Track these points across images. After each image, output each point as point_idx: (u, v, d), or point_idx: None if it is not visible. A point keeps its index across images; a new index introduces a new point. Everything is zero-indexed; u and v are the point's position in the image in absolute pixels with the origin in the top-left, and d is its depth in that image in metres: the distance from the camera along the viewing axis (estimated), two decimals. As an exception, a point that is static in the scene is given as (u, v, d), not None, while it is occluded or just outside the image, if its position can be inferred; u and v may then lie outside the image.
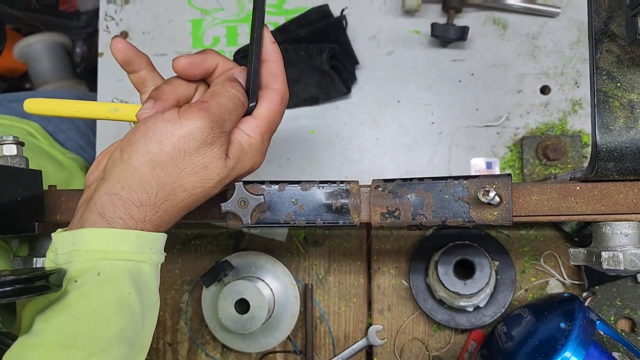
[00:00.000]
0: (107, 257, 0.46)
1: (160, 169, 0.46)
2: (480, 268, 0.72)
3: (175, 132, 0.46)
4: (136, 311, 0.47)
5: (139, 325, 0.47)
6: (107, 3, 0.90)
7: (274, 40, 0.52)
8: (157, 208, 0.47)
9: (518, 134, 0.81)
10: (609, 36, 0.49)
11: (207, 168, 0.47)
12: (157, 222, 0.48)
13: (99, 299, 0.45)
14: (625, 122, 0.50)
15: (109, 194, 0.46)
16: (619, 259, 0.51)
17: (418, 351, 0.79)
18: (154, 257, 0.49)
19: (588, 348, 0.60)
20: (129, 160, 0.46)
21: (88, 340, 0.44)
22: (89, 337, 0.44)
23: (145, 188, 0.46)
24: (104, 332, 0.45)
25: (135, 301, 0.47)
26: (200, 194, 0.49)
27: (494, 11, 0.83)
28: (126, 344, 0.46)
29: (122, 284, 0.46)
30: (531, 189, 0.54)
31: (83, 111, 0.54)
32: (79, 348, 0.44)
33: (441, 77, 0.84)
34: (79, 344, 0.44)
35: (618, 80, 0.50)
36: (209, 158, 0.47)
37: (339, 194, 0.55)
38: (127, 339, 0.46)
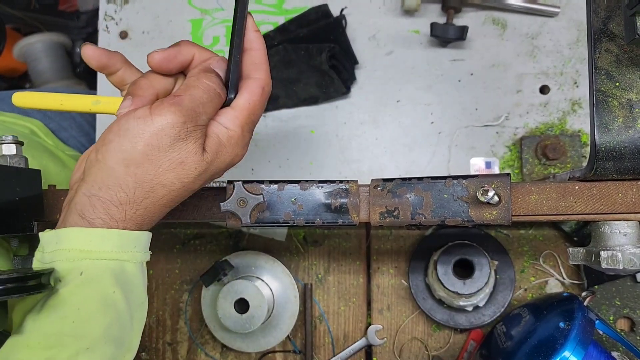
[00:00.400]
0: (90, 257, 0.46)
1: (135, 167, 0.46)
2: (479, 268, 0.72)
3: (147, 129, 0.45)
4: (122, 310, 0.47)
5: (126, 324, 0.47)
6: (107, 3, 0.90)
7: (257, 29, 0.51)
8: (137, 206, 0.47)
9: (517, 134, 0.81)
10: (607, 36, 0.49)
11: (183, 163, 0.46)
12: (138, 220, 0.48)
13: (83, 298, 0.45)
14: (624, 122, 0.50)
15: (87, 195, 0.46)
16: (617, 258, 0.51)
17: (417, 351, 0.79)
18: (138, 256, 0.48)
19: (587, 347, 0.60)
20: (104, 160, 0.46)
21: (73, 339, 0.44)
22: (74, 336, 0.44)
23: (122, 187, 0.46)
24: (89, 331, 0.45)
25: (120, 300, 0.47)
26: (180, 189, 0.48)
27: (493, 11, 0.83)
28: (113, 342, 0.46)
29: (106, 283, 0.46)
30: (530, 188, 0.54)
31: (67, 104, 0.54)
32: (65, 347, 0.44)
33: (441, 77, 0.84)
34: (65, 343, 0.44)
35: (617, 80, 0.50)
36: (185, 153, 0.46)
37: (338, 194, 0.55)
38: (114, 338, 0.46)
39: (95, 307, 0.46)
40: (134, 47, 0.89)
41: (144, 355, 0.83)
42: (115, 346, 0.46)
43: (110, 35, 0.89)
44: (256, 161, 0.86)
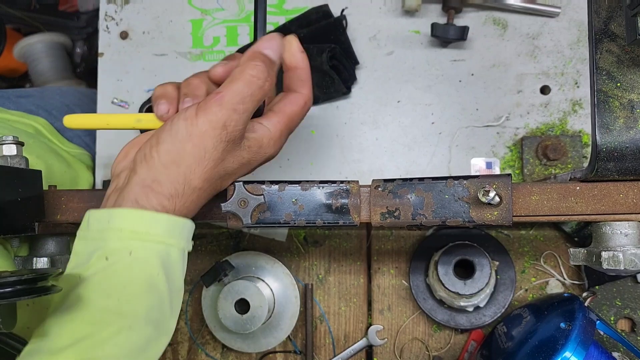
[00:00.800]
0: (140, 238, 0.48)
1: (184, 167, 0.49)
2: (480, 268, 0.72)
3: (193, 132, 0.49)
4: (164, 294, 0.49)
5: (165, 308, 0.49)
6: (107, 3, 0.90)
7: (302, 50, 0.56)
8: (185, 199, 0.50)
9: (518, 134, 0.81)
10: (609, 36, 0.49)
11: (225, 161, 0.50)
12: (184, 211, 0.51)
13: (130, 278, 0.47)
14: (625, 122, 0.50)
15: (140, 185, 0.49)
16: (619, 258, 0.51)
17: (418, 351, 0.79)
18: (182, 243, 0.51)
19: (588, 348, 0.60)
20: (157, 159, 0.49)
21: (117, 316, 0.46)
22: (118, 313, 0.46)
23: (172, 184, 0.49)
24: (132, 310, 0.47)
25: (163, 284, 0.48)
26: (221, 183, 0.52)
27: (494, 11, 0.83)
28: (152, 324, 0.48)
29: (152, 265, 0.48)
30: (531, 189, 0.54)
31: (112, 123, 0.59)
32: (108, 324, 0.46)
33: (441, 77, 0.84)
34: (108, 320, 0.46)
35: (618, 80, 0.50)
36: (226, 153, 0.50)
37: (339, 194, 0.55)
38: (154, 320, 0.48)
39: (140, 287, 0.47)
40: (134, 47, 0.89)
41: (144, 356, 0.83)
42: (154, 328, 0.48)
43: (111, 36, 0.89)
44: (257, 161, 0.86)
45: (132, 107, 0.88)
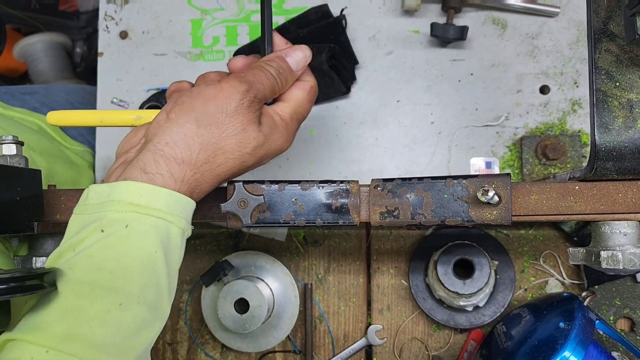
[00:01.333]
0: (139, 211, 0.46)
1: (204, 127, 0.49)
2: (479, 268, 0.72)
3: (217, 93, 0.49)
4: (160, 274, 0.47)
5: (162, 290, 0.47)
6: (107, 3, 0.90)
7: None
8: (196, 169, 0.49)
9: (517, 134, 0.81)
10: (607, 36, 0.49)
11: (245, 130, 0.50)
12: (193, 185, 0.49)
13: (124, 251, 0.45)
14: (624, 122, 0.50)
15: (152, 151, 0.48)
16: (617, 258, 0.51)
17: (417, 351, 0.79)
18: (182, 223, 0.49)
19: (587, 347, 0.60)
20: (176, 119, 0.49)
21: (106, 291, 0.44)
22: (109, 288, 0.44)
23: (188, 145, 0.48)
24: (124, 286, 0.45)
25: (161, 263, 0.47)
26: (237, 160, 0.51)
27: (493, 11, 0.83)
28: (146, 305, 0.46)
29: (149, 241, 0.46)
30: (530, 188, 0.54)
31: (108, 120, 0.56)
32: (96, 299, 0.44)
33: (441, 77, 0.84)
34: (97, 295, 0.44)
35: (617, 80, 0.50)
36: (246, 121, 0.50)
37: (338, 194, 0.55)
38: (148, 301, 0.46)
39: (134, 263, 0.45)
40: (134, 47, 0.89)
41: (144, 355, 0.83)
42: (149, 310, 0.46)
43: (110, 35, 0.89)
44: (256, 161, 0.86)
45: (132, 107, 0.88)
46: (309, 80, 0.57)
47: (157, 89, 0.88)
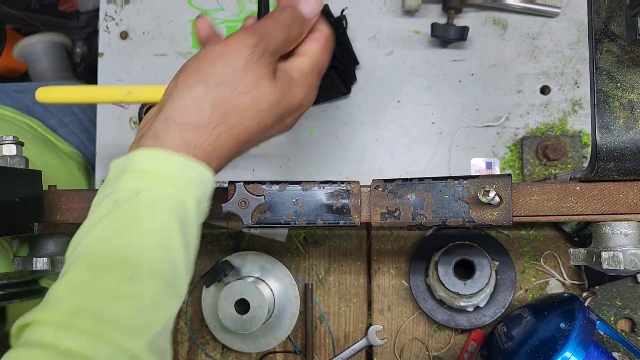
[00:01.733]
0: (151, 179, 0.44)
1: (213, 87, 0.46)
2: (480, 268, 0.72)
3: (224, 51, 0.46)
4: (175, 246, 0.44)
5: (177, 265, 0.44)
6: (107, 3, 0.90)
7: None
8: (210, 132, 0.46)
9: (518, 134, 0.81)
10: (608, 36, 0.49)
11: (258, 86, 0.47)
12: (208, 150, 0.46)
13: (135, 220, 0.43)
14: (625, 122, 0.50)
15: (163, 118, 0.46)
16: (619, 259, 0.51)
17: (418, 351, 0.79)
18: (197, 193, 0.46)
19: (588, 348, 0.60)
20: (183, 82, 0.47)
21: (116, 263, 0.42)
22: (118, 259, 0.42)
23: (198, 108, 0.46)
24: (135, 258, 0.42)
25: (175, 235, 0.44)
26: (254, 119, 0.47)
27: (493, 11, 0.83)
28: (160, 279, 0.43)
29: (162, 210, 0.44)
30: (531, 189, 0.54)
31: (98, 96, 0.54)
32: (107, 271, 0.42)
33: (441, 77, 0.84)
34: (107, 266, 0.42)
35: (618, 81, 0.50)
36: (258, 76, 0.47)
37: (339, 194, 0.55)
38: (161, 275, 0.43)
39: (146, 234, 0.43)
40: (134, 47, 0.89)
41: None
42: (164, 285, 0.43)
43: (111, 36, 0.89)
44: (256, 162, 0.86)
45: (132, 106, 0.88)
46: (323, 29, 0.53)
47: (158, 89, 0.88)
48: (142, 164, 0.45)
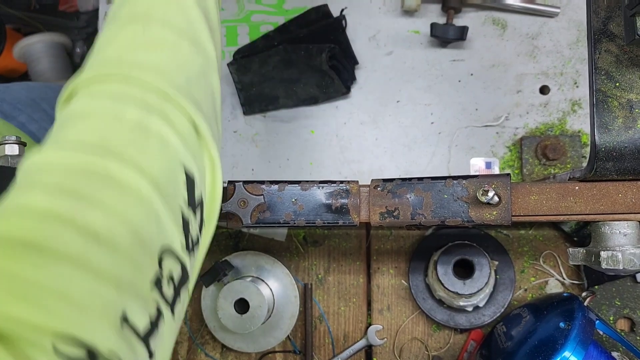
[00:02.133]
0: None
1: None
2: (479, 268, 0.72)
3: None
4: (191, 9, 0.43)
5: (192, 18, 0.43)
6: (107, 3, 0.90)
7: None
8: None
9: (517, 134, 0.81)
10: (607, 36, 0.49)
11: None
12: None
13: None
14: (624, 122, 0.50)
15: None
16: (617, 258, 0.51)
17: (417, 351, 0.79)
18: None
19: (587, 348, 0.60)
20: None
21: (131, 19, 0.42)
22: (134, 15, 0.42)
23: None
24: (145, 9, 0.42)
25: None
26: None
27: (493, 11, 0.83)
28: (173, 30, 0.42)
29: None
30: (530, 188, 0.54)
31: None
32: (122, 25, 0.42)
33: (441, 77, 0.84)
34: (121, 22, 0.43)
35: (617, 80, 0.50)
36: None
37: (338, 194, 0.55)
38: (175, 26, 0.42)
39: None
40: (134, 47, 0.89)
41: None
42: (193, 44, 0.42)
43: (111, 36, 0.89)
44: (256, 161, 0.86)
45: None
46: None
47: (157, 89, 0.88)
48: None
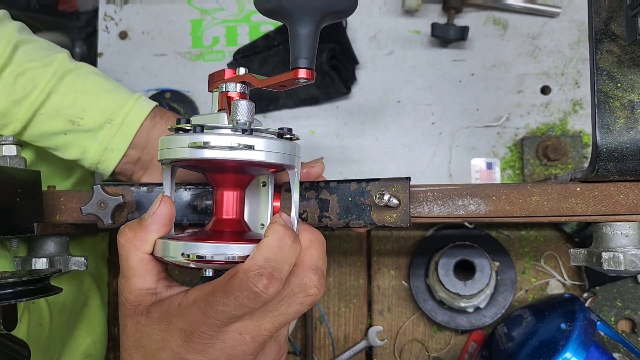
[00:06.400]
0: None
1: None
2: (480, 269, 0.72)
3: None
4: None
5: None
6: (107, 3, 0.90)
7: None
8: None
9: (518, 134, 0.81)
10: (609, 36, 0.49)
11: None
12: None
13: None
14: (626, 123, 0.49)
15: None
16: (619, 259, 0.51)
17: (418, 352, 0.79)
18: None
19: (589, 349, 0.60)
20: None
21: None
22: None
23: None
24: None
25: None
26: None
27: (494, 11, 0.83)
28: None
29: None
30: (531, 189, 0.54)
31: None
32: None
33: (441, 77, 0.83)
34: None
35: (618, 81, 0.49)
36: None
37: (204, 195, 0.55)
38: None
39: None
40: (133, 47, 0.89)
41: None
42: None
43: (110, 36, 0.89)
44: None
45: (132, 107, 0.88)
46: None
47: (157, 89, 0.87)
48: None
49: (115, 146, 0.62)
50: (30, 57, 0.61)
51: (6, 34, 0.62)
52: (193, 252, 0.42)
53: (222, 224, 0.48)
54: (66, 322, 0.69)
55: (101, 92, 0.63)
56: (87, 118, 0.61)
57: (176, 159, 0.44)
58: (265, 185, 0.53)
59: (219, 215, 0.48)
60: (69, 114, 0.61)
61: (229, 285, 0.40)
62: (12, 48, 0.61)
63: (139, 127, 0.62)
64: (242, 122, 0.43)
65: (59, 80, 0.61)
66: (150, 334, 0.43)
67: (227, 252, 0.42)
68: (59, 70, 0.61)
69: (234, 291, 0.39)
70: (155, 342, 0.43)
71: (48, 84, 0.60)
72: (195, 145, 0.42)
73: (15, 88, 0.60)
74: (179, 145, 0.43)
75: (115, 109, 0.62)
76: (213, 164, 0.45)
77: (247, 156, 0.42)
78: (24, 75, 0.60)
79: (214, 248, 0.42)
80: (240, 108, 0.43)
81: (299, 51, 0.46)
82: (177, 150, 0.43)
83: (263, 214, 0.53)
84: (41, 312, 0.61)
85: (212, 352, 0.41)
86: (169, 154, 0.44)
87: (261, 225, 0.53)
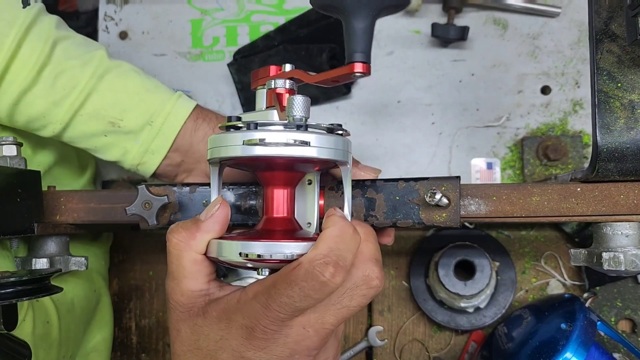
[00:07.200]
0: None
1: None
2: (480, 269, 0.72)
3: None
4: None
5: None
6: (107, 3, 0.90)
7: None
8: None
9: (519, 135, 0.81)
10: (609, 36, 0.49)
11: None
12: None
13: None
14: (626, 123, 0.49)
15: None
16: (619, 259, 0.51)
17: (418, 352, 0.79)
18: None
19: (589, 349, 0.60)
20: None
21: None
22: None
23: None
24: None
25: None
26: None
27: (494, 11, 0.83)
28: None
29: None
30: (532, 189, 0.54)
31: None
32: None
33: (441, 77, 0.83)
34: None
35: (619, 81, 0.49)
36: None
37: (247, 195, 0.55)
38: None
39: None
40: (133, 47, 0.89)
41: (144, 357, 0.83)
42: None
43: (110, 36, 0.89)
44: (256, 162, 0.85)
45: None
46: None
47: (157, 89, 0.87)
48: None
49: (156, 148, 0.61)
50: (68, 55, 0.59)
51: (44, 31, 0.58)
52: (251, 251, 0.42)
53: (273, 222, 0.47)
54: (79, 320, 0.68)
55: (142, 91, 0.61)
56: (127, 119, 0.60)
57: (229, 157, 0.43)
58: (310, 184, 0.52)
59: (269, 214, 0.47)
60: (108, 115, 0.60)
61: (292, 275, 0.39)
62: (51, 46, 0.58)
63: (179, 129, 0.60)
64: (298, 118, 0.42)
65: (99, 79, 0.59)
66: (209, 335, 0.42)
67: (285, 250, 0.42)
68: (98, 69, 0.60)
69: (298, 281, 0.38)
70: (214, 343, 0.42)
71: (88, 84, 0.59)
72: (250, 142, 0.41)
73: (55, 89, 0.58)
74: (231, 143, 0.42)
75: (156, 109, 0.60)
76: (265, 161, 0.44)
77: (302, 152, 0.42)
78: (63, 75, 0.58)
79: (272, 247, 0.42)
80: (296, 103, 0.42)
81: (355, 45, 0.45)
82: (229, 149, 0.42)
83: (309, 213, 0.52)
84: (47, 311, 0.61)
85: (275, 348, 0.41)
86: (219, 152, 0.43)
87: (307, 224, 0.52)
